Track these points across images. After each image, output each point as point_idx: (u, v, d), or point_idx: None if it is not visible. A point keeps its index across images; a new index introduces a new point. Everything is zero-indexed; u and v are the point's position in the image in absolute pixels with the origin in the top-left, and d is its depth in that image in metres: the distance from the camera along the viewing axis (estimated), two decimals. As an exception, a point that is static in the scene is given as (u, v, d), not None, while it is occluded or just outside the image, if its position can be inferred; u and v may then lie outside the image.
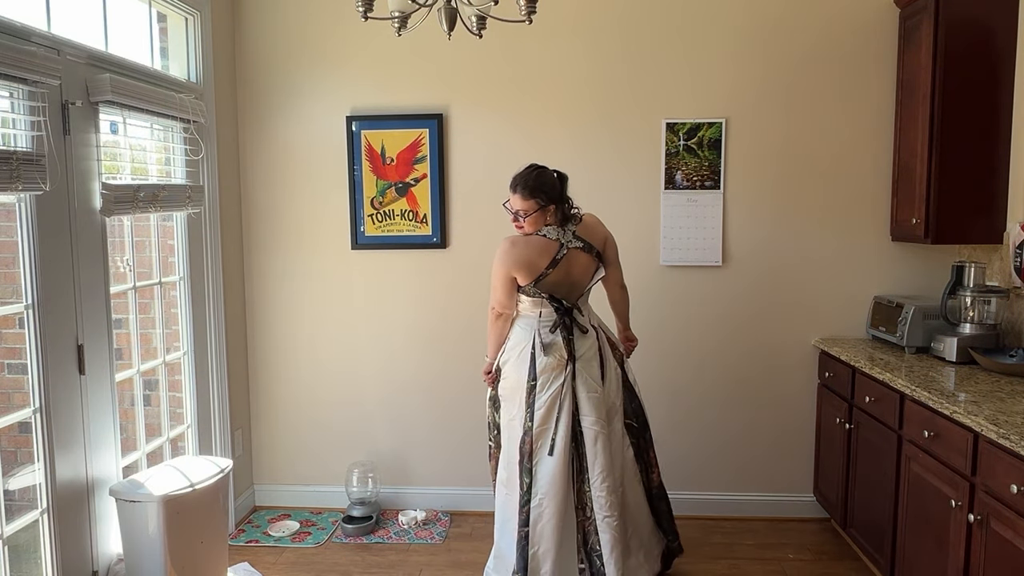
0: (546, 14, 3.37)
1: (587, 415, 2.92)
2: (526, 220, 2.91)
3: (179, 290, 3.48)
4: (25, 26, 2.42)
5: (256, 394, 4.05)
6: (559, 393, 2.90)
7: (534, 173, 2.92)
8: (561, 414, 2.89)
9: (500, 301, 2.99)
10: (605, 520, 2.90)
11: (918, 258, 3.71)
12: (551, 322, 2.94)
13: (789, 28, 3.64)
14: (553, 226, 2.95)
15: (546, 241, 2.93)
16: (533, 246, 2.92)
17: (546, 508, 2.89)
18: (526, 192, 2.88)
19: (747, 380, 3.84)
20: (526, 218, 2.91)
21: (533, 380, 2.92)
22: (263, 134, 3.90)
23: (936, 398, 2.54)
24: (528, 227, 2.93)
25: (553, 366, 2.91)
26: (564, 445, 2.89)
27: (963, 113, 3.20)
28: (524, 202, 2.89)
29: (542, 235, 2.94)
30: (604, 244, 3.08)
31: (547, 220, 2.94)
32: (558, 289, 2.95)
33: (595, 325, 3.08)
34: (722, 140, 3.70)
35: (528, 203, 2.88)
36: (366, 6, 2.29)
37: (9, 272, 2.84)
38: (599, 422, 2.92)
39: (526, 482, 2.92)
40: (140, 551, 2.76)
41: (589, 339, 2.99)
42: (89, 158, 2.73)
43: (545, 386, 2.91)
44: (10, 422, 2.48)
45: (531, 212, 2.89)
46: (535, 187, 2.89)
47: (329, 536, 3.73)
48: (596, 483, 2.91)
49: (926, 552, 2.65)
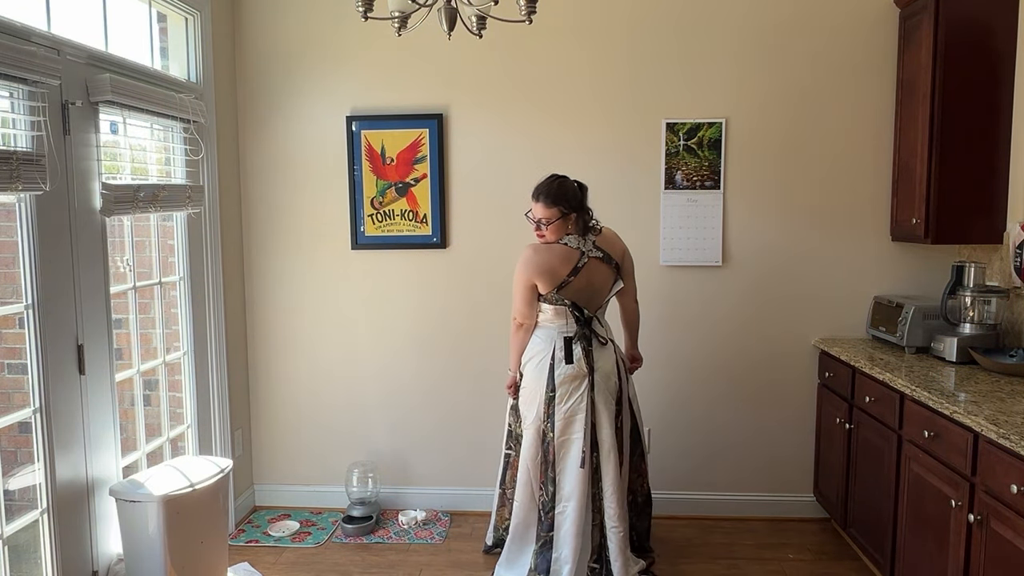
0: (546, 14, 3.37)
1: (604, 427, 2.98)
2: (548, 228, 2.98)
3: (179, 290, 3.48)
4: (25, 26, 2.41)
5: (256, 394, 4.05)
6: (580, 404, 2.96)
7: (556, 182, 2.99)
8: (583, 425, 2.96)
9: (519, 310, 3.05)
10: (612, 530, 3.00)
11: (918, 258, 3.71)
12: (572, 332, 2.99)
13: (789, 28, 3.64)
14: (574, 235, 3.01)
15: (567, 249, 2.99)
16: (555, 253, 2.98)
17: (568, 515, 2.98)
18: (548, 200, 2.95)
19: (747, 380, 3.83)
20: (548, 226, 2.97)
21: (552, 391, 2.98)
22: (263, 134, 3.90)
23: (936, 398, 2.54)
24: (550, 235, 2.99)
25: (573, 376, 2.97)
26: (588, 456, 2.97)
27: (963, 113, 3.20)
28: (547, 210, 2.95)
29: (563, 243, 3.00)
30: (623, 257, 3.14)
31: (568, 229, 3.01)
32: (579, 298, 3.00)
33: (611, 339, 3.12)
34: (722, 140, 3.70)
35: (551, 211, 2.95)
36: (366, 6, 2.29)
37: (9, 272, 2.83)
38: (614, 435, 2.99)
39: (550, 491, 3.01)
40: (140, 551, 2.76)
41: (608, 351, 3.05)
42: (89, 158, 2.73)
43: (564, 397, 2.97)
44: (10, 422, 2.48)
45: (553, 220, 2.95)
46: (557, 195, 2.96)
47: (329, 536, 3.73)
48: (608, 493, 2.99)
49: (926, 552, 2.65)
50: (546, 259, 2.97)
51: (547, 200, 2.95)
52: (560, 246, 3.00)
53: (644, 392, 3.83)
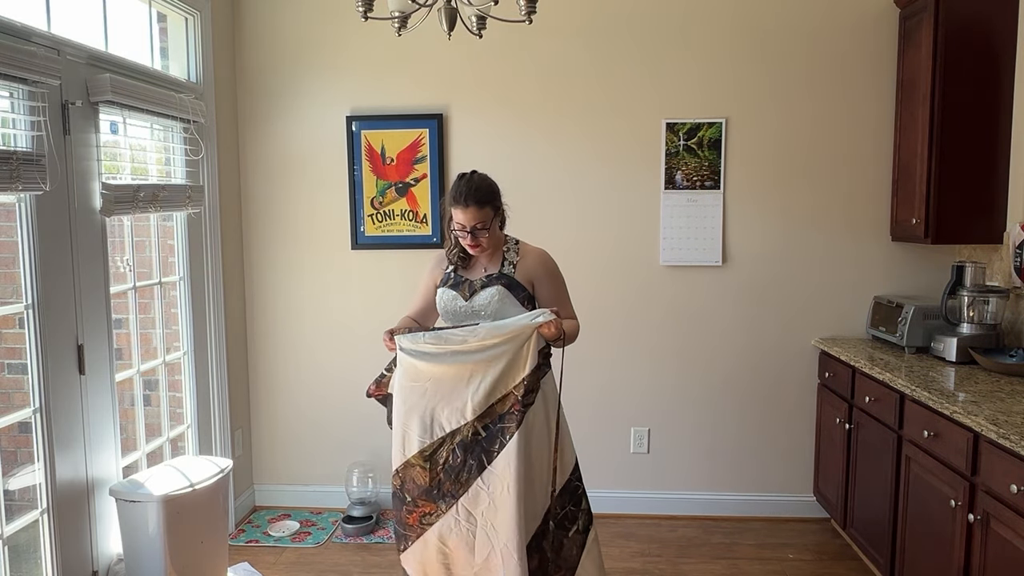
0: (546, 14, 3.36)
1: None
2: (484, 235, 2.45)
3: (179, 290, 3.48)
4: (25, 26, 2.42)
5: (256, 394, 4.04)
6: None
7: (476, 177, 2.49)
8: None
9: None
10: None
11: (918, 258, 3.71)
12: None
13: (789, 28, 3.64)
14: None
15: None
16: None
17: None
18: (478, 200, 2.42)
19: (747, 380, 3.83)
20: (484, 230, 2.44)
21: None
22: (263, 134, 3.90)
23: (936, 398, 2.54)
24: (487, 243, 2.48)
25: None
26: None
27: (963, 113, 3.20)
28: (480, 211, 2.42)
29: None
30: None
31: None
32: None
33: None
34: (722, 140, 3.70)
35: (484, 211, 2.43)
36: (366, 6, 2.29)
37: (9, 272, 2.83)
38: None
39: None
40: (140, 551, 2.76)
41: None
42: (89, 158, 2.73)
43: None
44: (10, 422, 2.48)
45: (488, 223, 2.45)
46: (488, 192, 2.47)
47: (329, 536, 3.73)
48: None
49: (926, 552, 2.65)
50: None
51: (477, 201, 2.41)
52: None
53: (644, 392, 3.85)
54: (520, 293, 2.49)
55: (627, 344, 3.82)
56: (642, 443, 3.89)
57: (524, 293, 2.50)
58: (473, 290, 2.49)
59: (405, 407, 2.43)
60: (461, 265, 2.59)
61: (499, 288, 2.46)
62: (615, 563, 3.36)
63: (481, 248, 2.49)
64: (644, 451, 3.89)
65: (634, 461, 3.89)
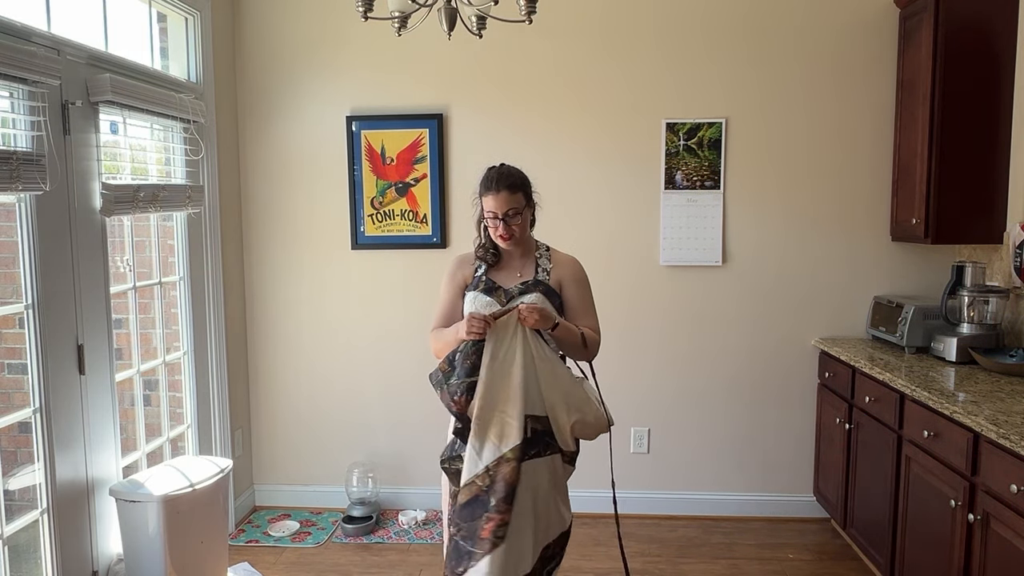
0: (546, 14, 3.36)
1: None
2: (517, 221, 2.34)
3: (179, 290, 3.48)
4: (25, 26, 2.41)
5: (256, 394, 4.04)
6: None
7: (506, 167, 2.38)
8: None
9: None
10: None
11: (918, 258, 3.71)
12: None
13: (789, 28, 3.64)
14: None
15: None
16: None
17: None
18: (511, 187, 2.33)
19: (747, 380, 3.83)
20: (516, 216, 2.33)
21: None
22: (263, 134, 3.90)
23: (936, 398, 2.54)
24: (520, 231, 2.37)
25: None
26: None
27: (963, 113, 3.20)
28: (512, 197, 2.32)
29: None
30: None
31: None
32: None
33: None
34: (722, 140, 3.70)
35: (516, 197, 2.33)
36: (366, 6, 2.29)
37: (9, 272, 2.83)
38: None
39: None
40: (140, 551, 2.76)
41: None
42: (89, 158, 2.73)
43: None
44: (10, 422, 2.48)
45: (521, 209, 2.35)
46: (520, 179, 2.37)
47: (329, 536, 3.73)
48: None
49: (926, 552, 2.65)
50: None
51: (509, 186, 2.30)
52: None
53: (644, 392, 3.85)
54: (555, 301, 2.37)
55: (627, 344, 3.82)
56: (642, 443, 3.89)
57: (559, 301, 2.39)
58: (510, 296, 2.34)
59: (505, 392, 2.18)
60: (492, 263, 2.42)
61: (538, 295, 2.32)
62: (615, 563, 3.36)
63: (514, 240, 2.34)
64: (644, 451, 3.89)
65: (634, 461, 3.89)
